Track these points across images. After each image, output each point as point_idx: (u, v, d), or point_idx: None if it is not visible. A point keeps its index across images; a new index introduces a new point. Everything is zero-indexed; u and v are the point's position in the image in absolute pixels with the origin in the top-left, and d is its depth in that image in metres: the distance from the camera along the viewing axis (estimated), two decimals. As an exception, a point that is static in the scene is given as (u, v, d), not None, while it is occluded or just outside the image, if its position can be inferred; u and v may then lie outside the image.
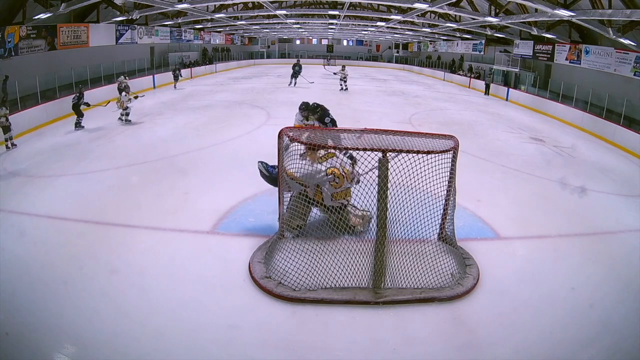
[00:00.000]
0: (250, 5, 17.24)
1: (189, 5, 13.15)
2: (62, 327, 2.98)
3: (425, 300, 3.38)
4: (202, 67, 22.09)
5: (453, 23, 16.85)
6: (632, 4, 8.66)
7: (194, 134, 8.67)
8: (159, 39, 17.65)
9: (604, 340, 3.10)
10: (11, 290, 3.33)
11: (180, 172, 6.24)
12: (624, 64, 10.98)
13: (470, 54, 23.19)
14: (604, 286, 3.76)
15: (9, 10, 9.75)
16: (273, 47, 35.71)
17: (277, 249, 3.94)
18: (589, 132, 11.27)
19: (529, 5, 10.58)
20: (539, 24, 13.35)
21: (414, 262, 3.60)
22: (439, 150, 3.63)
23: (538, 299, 3.50)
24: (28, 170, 6.34)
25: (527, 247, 4.49)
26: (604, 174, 7.41)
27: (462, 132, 9.42)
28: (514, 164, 7.43)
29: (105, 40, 13.80)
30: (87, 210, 4.82)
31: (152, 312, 3.16)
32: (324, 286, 3.42)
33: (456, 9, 12.80)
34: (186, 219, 4.65)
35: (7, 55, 9.50)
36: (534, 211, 5.34)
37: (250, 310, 3.24)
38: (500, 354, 2.92)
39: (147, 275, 3.62)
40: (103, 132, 8.64)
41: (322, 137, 3.91)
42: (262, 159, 4.49)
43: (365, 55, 36.29)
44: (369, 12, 17.46)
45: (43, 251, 3.95)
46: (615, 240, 4.79)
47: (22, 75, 9.69)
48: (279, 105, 12.45)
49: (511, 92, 16.75)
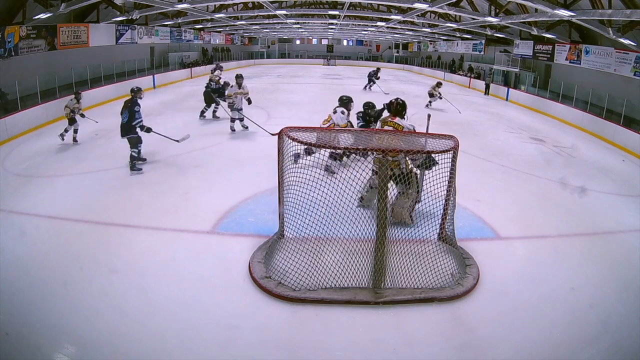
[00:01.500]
0: (250, 5, 17.24)
1: (189, 5, 13.15)
2: (62, 327, 2.98)
3: (425, 300, 3.38)
4: (202, 67, 22.11)
5: (453, 23, 16.85)
6: (632, 4, 8.66)
7: (194, 134, 8.65)
8: (159, 39, 17.66)
9: (604, 340, 3.09)
10: (11, 290, 3.33)
11: (180, 172, 6.25)
12: (624, 64, 10.98)
13: (470, 54, 23.19)
14: (604, 286, 3.76)
15: (9, 10, 9.75)
16: (273, 47, 35.73)
17: (277, 249, 3.94)
18: (589, 132, 11.27)
19: (529, 5, 10.58)
20: (539, 24, 13.36)
21: (414, 262, 3.60)
22: (439, 151, 3.63)
23: (538, 299, 3.50)
24: (28, 170, 6.34)
25: (527, 247, 4.49)
26: (604, 174, 7.41)
27: (462, 132, 9.41)
28: (514, 164, 7.43)
29: (105, 40, 13.80)
30: (87, 210, 4.82)
31: (152, 312, 3.16)
32: (324, 286, 3.42)
33: (456, 9, 12.80)
34: (186, 219, 4.65)
35: (7, 55, 9.51)
36: (534, 211, 5.34)
37: (250, 310, 3.24)
38: (500, 354, 2.92)
39: (147, 275, 3.63)
40: (103, 132, 8.64)
41: (322, 137, 3.91)
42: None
43: (365, 55, 36.29)
44: (369, 12, 17.47)
45: (43, 251, 3.95)
46: (615, 240, 4.79)
47: (22, 75, 9.70)
48: (279, 105, 12.45)
49: (511, 92, 16.75)
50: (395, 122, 4.42)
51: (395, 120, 4.43)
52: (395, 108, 4.53)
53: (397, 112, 4.52)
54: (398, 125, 4.38)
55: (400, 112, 4.53)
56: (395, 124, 4.40)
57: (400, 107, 4.53)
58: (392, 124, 4.41)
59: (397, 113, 4.52)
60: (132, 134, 6.13)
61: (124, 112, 6.08)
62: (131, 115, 6.02)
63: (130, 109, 6.04)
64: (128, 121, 6.03)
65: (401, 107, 4.54)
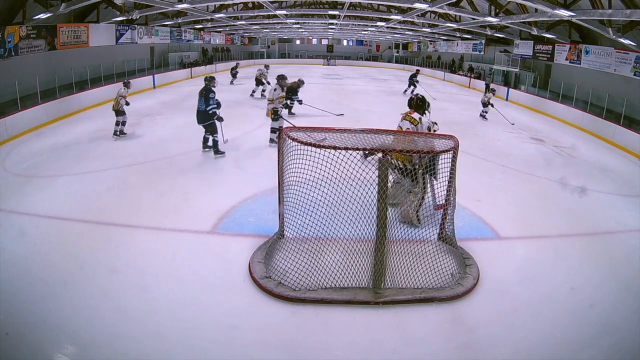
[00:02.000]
0: (250, 5, 17.23)
1: (189, 5, 13.14)
2: (62, 327, 2.98)
3: (425, 300, 3.38)
4: (202, 67, 22.10)
5: (453, 23, 16.84)
6: (632, 4, 8.66)
7: (194, 134, 8.64)
8: (159, 39, 17.66)
9: (604, 340, 3.09)
10: (11, 290, 3.33)
11: (180, 172, 6.25)
12: (624, 64, 10.98)
13: (470, 54, 23.19)
14: (604, 286, 3.76)
15: (9, 10, 9.74)
16: (273, 47, 35.71)
17: (277, 249, 3.94)
18: (589, 132, 11.27)
19: (529, 5, 10.58)
20: (539, 24, 13.35)
21: (414, 262, 3.60)
22: (439, 151, 3.63)
23: (538, 299, 3.50)
24: (28, 170, 6.34)
25: (527, 247, 4.49)
26: (604, 174, 7.41)
27: (462, 132, 9.40)
28: (514, 164, 7.43)
29: (105, 40, 13.80)
30: (87, 210, 4.82)
31: (152, 312, 3.16)
32: (324, 286, 3.43)
33: (456, 9, 12.79)
34: (186, 219, 4.65)
35: (7, 55, 9.50)
36: (534, 211, 5.34)
37: (250, 310, 3.24)
38: (500, 354, 2.92)
39: (147, 275, 3.62)
40: (103, 132, 8.64)
41: (322, 137, 3.91)
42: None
43: (365, 55, 36.30)
44: (369, 12, 17.45)
45: (43, 251, 3.95)
46: (615, 240, 4.79)
47: (22, 75, 9.69)
48: (279, 105, 12.42)
49: (511, 92, 16.74)
50: (412, 116, 4.68)
51: (412, 115, 4.68)
52: (415, 103, 4.80)
53: (417, 107, 4.77)
54: (414, 120, 4.63)
55: (421, 108, 4.77)
56: (412, 118, 4.66)
57: (421, 102, 4.78)
58: (409, 118, 4.69)
59: (417, 108, 4.77)
60: (209, 121, 6.66)
61: (200, 100, 6.58)
62: (206, 102, 6.52)
63: (205, 97, 6.52)
64: (204, 109, 6.56)
65: (421, 102, 4.78)
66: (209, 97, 6.51)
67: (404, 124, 4.69)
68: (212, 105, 6.54)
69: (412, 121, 4.63)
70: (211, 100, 6.52)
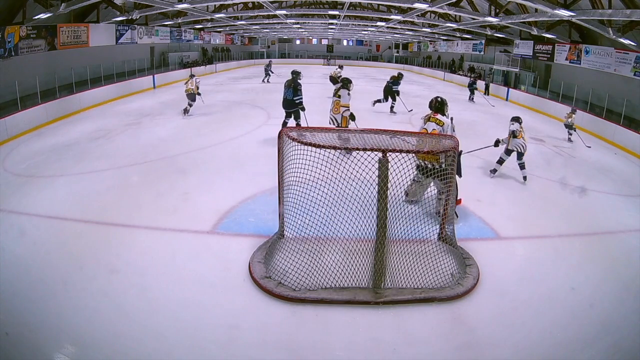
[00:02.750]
0: (250, 5, 17.24)
1: (189, 5, 13.15)
2: (62, 327, 2.98)
3: (425, 300, 3.38)
4: (202, 67, 22.11)
5: (453, 23, 16.85)
6: (632, 4, 8.66)
7: (194, 133, 8.67)
8: (159, 39, 17.66)
9: (604, 340, 3.09)
10: (11, 290, 3.33)
11: (180, 172, 6.24)
12: (624, 64, 10.98)
13: (470, 54, 23.20)
14: (604, 286, 3.76)
15: (9, 10, 9.75)
16: (273, 47, 35.72)
17: (277, 249, 3.94)
18: (589, 132, 11.25)
19: (529, 5, 10.58)
20: (539, 24, 13.35)
21: (414, 262, 3.59)
22: (439, 151, 3.63)
23: (538, 299, 3.50)
24: (28, 170, 6.34)
25: (527, 247, 4.49)
26: (604, 174, 7.40)
27: (462, 132, 9.37)
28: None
29: (105, 40, 13.80)
30: (87, 210, 4.82)
31: (152, 312, 3.16)
32: (324, 286, 3.42)
33: (456, 9, 12.80)
34: (186, 219, 4.65)
35: (7, 55, 9.51)
36: (534, 211, 5.34)
37: (250, 310, 3.24)
38: (500, 354, 2.92)
39: (147, 275, 3.62)
40: (103, 132, 8.64)
41: (322, 137, 3.90)
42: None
43: (365, 55, 36.30)
44: (369, 12, 17.46)
45: (43, 251, 3.95)
46: (615, 240, 4.79)
47: (22, 75, 9.69)
48: (279, 105, 12.40)
49: (511, 92, 16.74)
50: (437, 118, 4.79)
51: (437, 117, 4.80)
52: (435, 105, 4.89)
53: (437, 109, 4.85)
54: (439, 121, 4.75)
55: (441, 109, 4.85)
56: (437, 119, 4.78)
57: (439, 104, 4.87)
58: (435, 120, 4.79)
59: (437, 110, 4.85)
60: (295, 108, 7.50)
61: (288, 91, 7.40)
62: (294, 92, 7.34)
63: (294, 88, 7.34)
64: (291, 98, 7.37)
65: (440, 104, 4.87)
66: (297, 88, 7.33)
67: (429, 126, 4.77)
68: (299, 96, 7.38)
69: (438, 122, 4.73)
70: (299, 92, 7.34)
